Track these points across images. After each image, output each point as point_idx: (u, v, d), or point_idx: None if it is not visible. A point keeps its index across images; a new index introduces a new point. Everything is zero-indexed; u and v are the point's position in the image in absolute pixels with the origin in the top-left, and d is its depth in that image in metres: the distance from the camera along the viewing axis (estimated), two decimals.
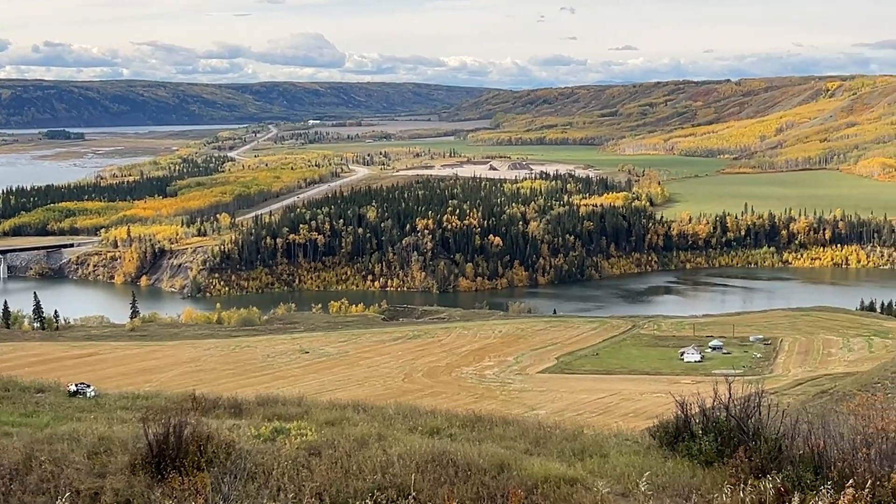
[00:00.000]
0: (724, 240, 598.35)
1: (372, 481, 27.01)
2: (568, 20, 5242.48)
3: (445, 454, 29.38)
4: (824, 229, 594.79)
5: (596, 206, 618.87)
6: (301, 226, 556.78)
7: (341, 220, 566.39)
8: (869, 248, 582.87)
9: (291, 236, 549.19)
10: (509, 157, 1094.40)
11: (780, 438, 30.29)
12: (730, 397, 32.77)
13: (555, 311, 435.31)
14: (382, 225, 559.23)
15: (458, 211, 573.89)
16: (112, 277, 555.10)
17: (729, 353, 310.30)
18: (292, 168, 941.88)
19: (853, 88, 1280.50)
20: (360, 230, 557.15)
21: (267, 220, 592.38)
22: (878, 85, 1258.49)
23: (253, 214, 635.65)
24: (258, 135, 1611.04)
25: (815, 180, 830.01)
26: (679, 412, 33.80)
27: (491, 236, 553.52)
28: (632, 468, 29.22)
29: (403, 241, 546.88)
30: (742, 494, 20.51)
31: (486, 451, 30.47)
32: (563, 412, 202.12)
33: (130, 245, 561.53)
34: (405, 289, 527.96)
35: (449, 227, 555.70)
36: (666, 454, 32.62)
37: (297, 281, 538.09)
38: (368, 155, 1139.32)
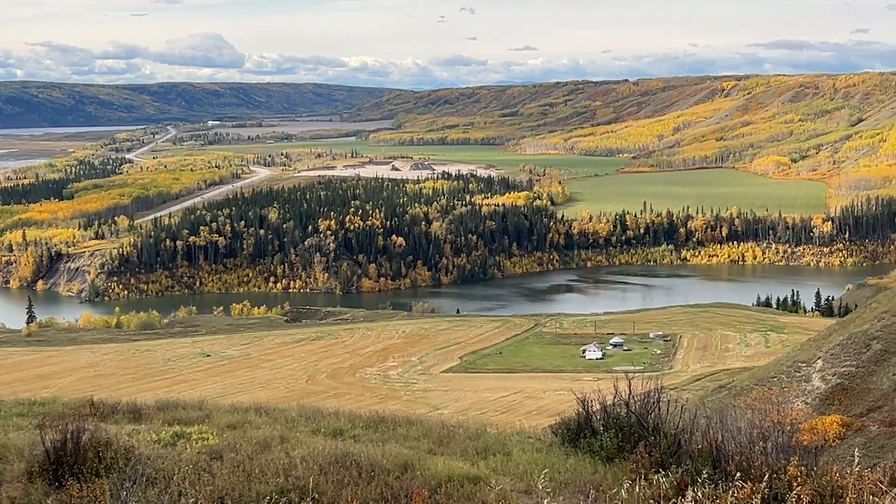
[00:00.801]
0: (623, 238, 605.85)
1: (274, 484, 26.80)
2: (468, 21, 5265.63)
3: (349, 455, 29.28)
4: (721, 227, 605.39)
5: (498, 206, 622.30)
6: (201, 228, 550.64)
7: (242, 222, 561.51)
8: (764, 244, 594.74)
9: (192, 238, 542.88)
10: (411, 158, 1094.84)
11: (680, 433, 30.68)
12: (630, 394, 33.11)
13: (458, 311, 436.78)
14: (284, 226, 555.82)
15: (360, 211, 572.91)
16: (7, 282, 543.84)
17: (630, 350, 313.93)
18: (192, 169, 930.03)
19: (748, 88, 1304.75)
20: (262, 232, 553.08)
21: (166, 222, 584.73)
22: (772, 84, 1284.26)
23: (152, 217, 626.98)
24: (157, 136, 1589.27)
25: (711, 178, 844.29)
26: (580, 409, 34.08)
27: (394, 236, 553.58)
28: (534, 465, 29.41)
29: (306, 243, 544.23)
30: (641, 490, 20.73)
31: (389, 452, 30.43)
32: (467, 411, 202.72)
33: (26, 249, 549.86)
34: (308, 290, 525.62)
35: (352, 227, 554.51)
36: (568, 451, 32.86)
37: (197, 284, 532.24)
38: (269, 156, 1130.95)
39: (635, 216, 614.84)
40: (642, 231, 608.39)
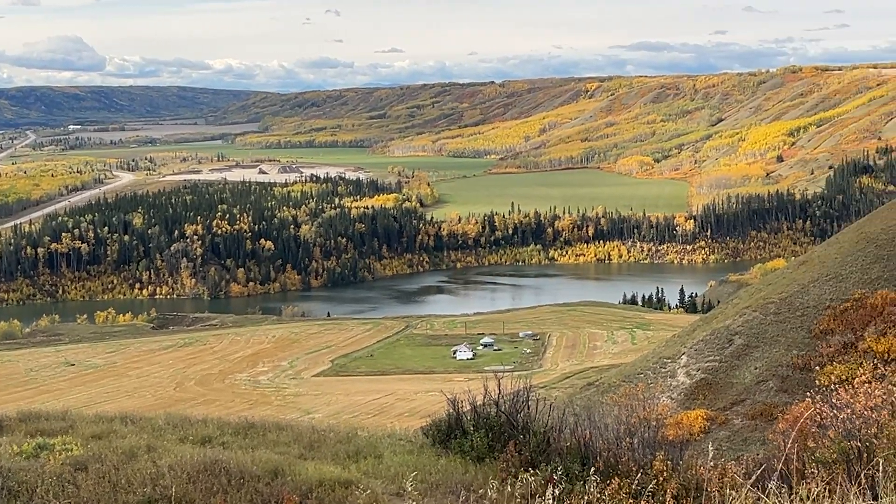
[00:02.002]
0: (492, 239, 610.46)
1: (142, 494, 26.33)
2: (334, 23, 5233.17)
3: (218, 463, 28.87)
4: (587, 226, 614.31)
5: (367, 208, 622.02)
6: (63, 234, 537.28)
7: (106, 228, 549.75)
8: (629, 243, 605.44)
9: (53, 245, 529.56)
10: (279, 161, 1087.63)
11: (549, 431, 30.99)
12: (500, 393, 33.32)
13: (329, 314, 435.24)
14: (150, 231, 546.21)
15: (228, 216, 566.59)
16: None
17: (500, 350, 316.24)
18: (53, 175, 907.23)
19: (611, 89, 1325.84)
20: (127, 237, 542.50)
21: (27, 229, 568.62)
22: (635, 85, 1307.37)
23: (11, 224, 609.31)
24: (15, 141, 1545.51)
25: (577, 179, 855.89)
26: (451, 410, 34.20)
27: (262, 240, 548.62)
28: (405, 467, 29.41)
29: (172, 248, 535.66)
30: (511, 488, 20.86)
31: (259, 458, 30.11)
32: (338, 415, 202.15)
33: None
34: (175, 296, 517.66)
35: (219, 232, 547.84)
36: (439, 452, 32.95)
37: (60, 291, 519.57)
38: (133, 160, 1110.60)
39: (504, 217, 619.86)
40: (511, 231, 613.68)
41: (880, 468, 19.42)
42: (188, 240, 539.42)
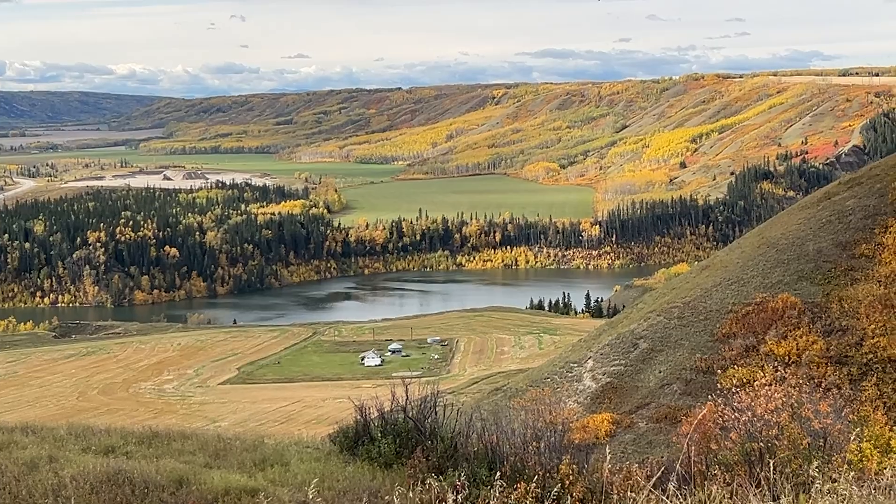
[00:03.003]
0: (400, 245, 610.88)
1: None
2: (239, 28, 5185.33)
3: (121, 473, 28.46)
4: (494, 232, 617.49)
5: (274, 215, 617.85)
6: None
7: (6, 235, 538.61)
8: (536, 248, 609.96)
9: None
10: (184, 167, 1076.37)
11: (456, 437, 31.07)
12: (407, 399, 33.33)
13: (235, 322, 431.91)
14: (51, 239, 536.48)
15: (131, 223, 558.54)
16: None
17: (408, 356, 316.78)
18: None
19: (517, 96, 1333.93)
20: (28, 245, 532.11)
21: None
22: (540, 92, 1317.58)
23: None
24: None
25: (484, 185, 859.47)
26: (358, 417, 34.13)
27: (167, 247, 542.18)
28: (312, 475, 29.25)
29: (74, 255, 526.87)
30: (412, 493, 20.86)
31: (164, 467, 29.74)
32: (245, 423, 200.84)
33: None
34: (78, 304, 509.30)
35: (123, 239, 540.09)
36: (347, 459, 32.85)
37: None
38: (34, 166, 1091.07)
39: (411, 223, 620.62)
40: (418, 238, 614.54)
41: (780, 469, 19.81)
42: (91, 247, 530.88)
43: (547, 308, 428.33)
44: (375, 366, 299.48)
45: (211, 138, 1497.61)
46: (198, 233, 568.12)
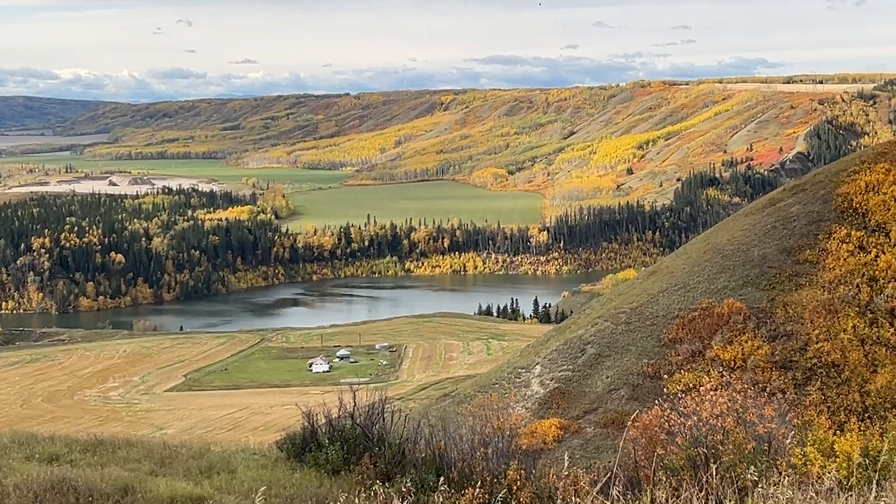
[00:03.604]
0: (349, 251, 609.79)
1: None
2: (186, 33, 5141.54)
3: (66, 481, 28.18)
4: (443, 238, 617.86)
5: (221, 221, 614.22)
6: None
7: None
8: (485, 254, 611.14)
9: None
10: (130, 172, 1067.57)
11: (404, 443, 31.05)
12: (355, 406, 33.27)
13: (181, 328, 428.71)
14: None
15: (76, 228, 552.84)
16: None
17: (356, 362, 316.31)
18: None
19: (466, 102, 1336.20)
20: None
21: None
22: (489, 98, 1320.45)
23: None
24: None
25: (433, 191, 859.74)
26: (306, 423, 34.01)
27: (113, 253, 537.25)
28: (259, 482, 29.11)
29: (18, 262, 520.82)
30: (358, 500, 20.81)
31: (109, 475, 29.48)
32: (192, 430, 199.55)
33: None
34: (22, 311, 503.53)
35: (67, 245, 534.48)
36: (294, 466, 32.72)
37: None
38: None
39: (360, 229, 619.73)
40: (367, 244, 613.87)
41: (723, 474, 19.98)
42: (35, 253, 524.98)
43: (495, 314, 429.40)
44: (323, 372, 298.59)
45: (157, 143, 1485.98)
46: (144, 239, 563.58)
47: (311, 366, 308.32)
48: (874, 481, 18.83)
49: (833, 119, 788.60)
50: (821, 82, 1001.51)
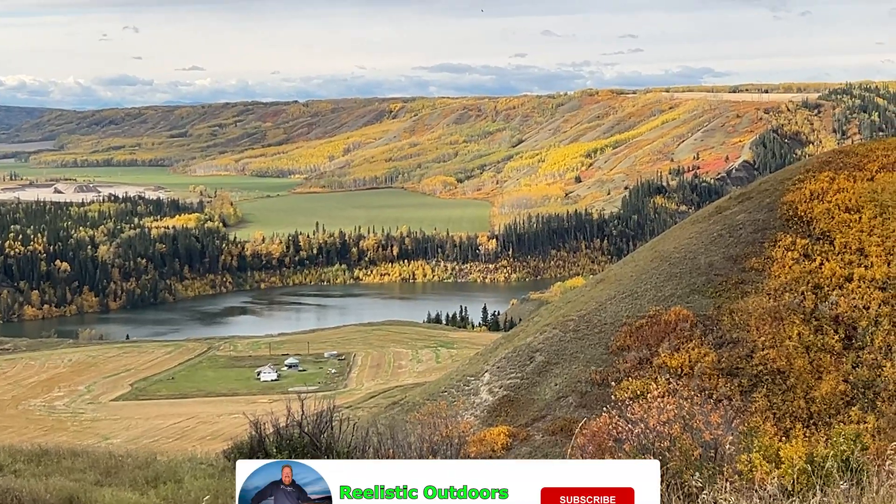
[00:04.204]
0: (297, 259, 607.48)
1: None
2: (132, 39, 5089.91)
3: (9, 492, 27.87)
4: (392, 246, 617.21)
5: (168, 228, 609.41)
6: None
7: None
8: (434, 262, 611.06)
9: None
10: (76, 180, 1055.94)
11: (352, 451, 31.01)
12: (303, 414, 33.15)
13: (128, 337, 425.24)
14: None
15: (21, 236, 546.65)
16: None
17: (305, 371, 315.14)
18: None
19: (414, 110, 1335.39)
20: None
21: None
22: (437, 106, 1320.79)
23: None
24: None
25: (382, 199, 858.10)
26: (253, 432, 33.86)
27: (58, 262, 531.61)
28: (206, 492, 28.95)
29: None
30: None
31: (53, 486, 29.18)
32: (138, 439, 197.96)
33: None
34: None
35: (11, 253, 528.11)
36: None
37: None
38: None
39: (308, 237, 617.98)
40: (315, 251, 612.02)
41: (670, 481, 20.12)
42: None
43: (444, 322, 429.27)
44: (272, 381, 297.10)
45: (103, 151, 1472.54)
46: (90, 247, 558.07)
47: (258, 374, 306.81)
48: (817, 487, 19.04)
49: (778, 128, 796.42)
50: (766, 91, 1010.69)
